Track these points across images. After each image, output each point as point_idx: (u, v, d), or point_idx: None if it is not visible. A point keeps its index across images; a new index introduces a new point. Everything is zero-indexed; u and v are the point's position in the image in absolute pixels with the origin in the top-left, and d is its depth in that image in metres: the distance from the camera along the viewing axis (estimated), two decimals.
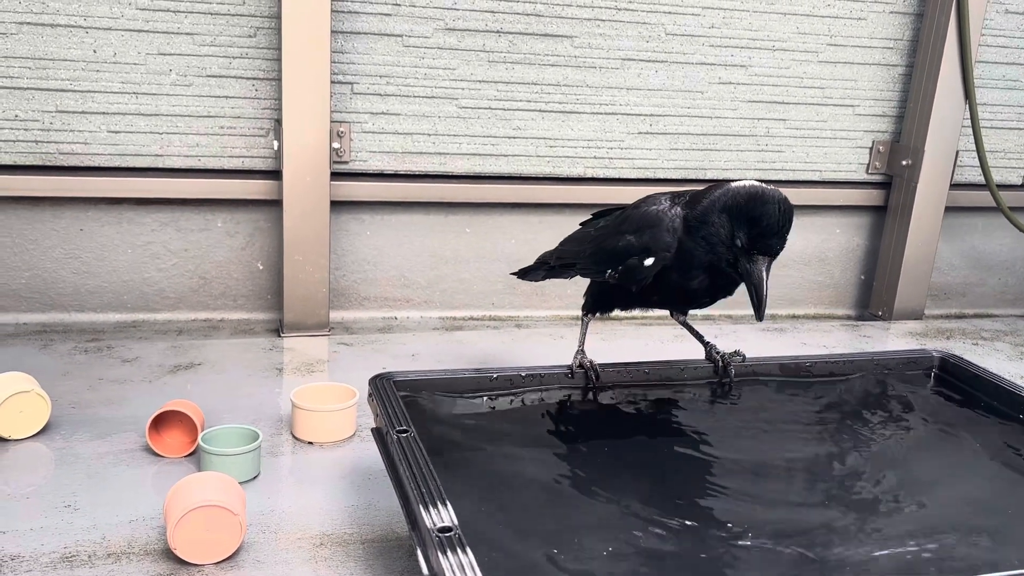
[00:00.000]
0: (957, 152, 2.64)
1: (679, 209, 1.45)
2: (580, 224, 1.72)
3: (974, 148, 2.62)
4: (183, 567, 1.25)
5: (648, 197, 1.53)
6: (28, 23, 2.03)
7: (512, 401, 1.47)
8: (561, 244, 1.71)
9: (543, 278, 1.82)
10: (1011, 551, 1.14)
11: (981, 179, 2.66)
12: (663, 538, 1.12)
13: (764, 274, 1.36)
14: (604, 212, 1.67)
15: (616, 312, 1.63)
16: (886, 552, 1.11)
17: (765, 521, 1.17)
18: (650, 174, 2.52)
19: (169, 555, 1.26)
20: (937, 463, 1.38)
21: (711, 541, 1.13)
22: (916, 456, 1.41)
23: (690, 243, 1.41)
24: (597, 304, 1.62)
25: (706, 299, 1.52)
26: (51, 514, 1.36)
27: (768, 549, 1.11)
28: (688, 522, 1.17)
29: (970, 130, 2.60)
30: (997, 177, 2.73)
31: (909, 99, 2.64)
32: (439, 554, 0.96)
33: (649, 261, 1.45)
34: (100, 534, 1.31)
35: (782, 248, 1.37)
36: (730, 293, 1.50)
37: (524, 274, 1.86)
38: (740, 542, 1.12)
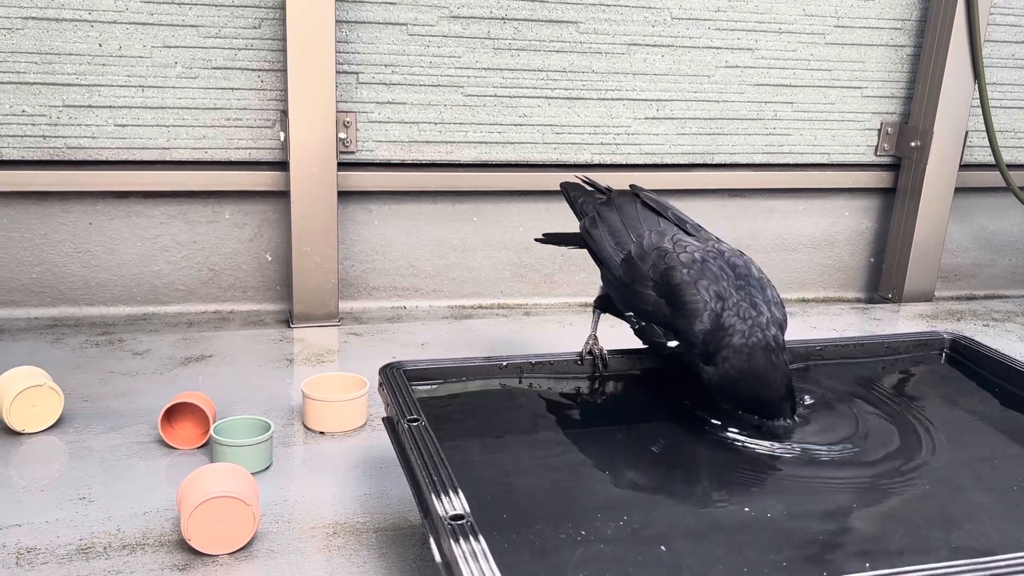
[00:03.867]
0: (967, 132, 2.62)
1: (719, 305, 1.32)
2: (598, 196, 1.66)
3: (984, 128, 2.60)
4: (197, 557, 1.25)
5: (678, 243, 1.40)
6: (33, 17, 2.03)
7: (522, 388, 1.47)
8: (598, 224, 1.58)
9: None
10: (1022, 532, 1.14)
11: (991, 159, 2.65)
12: (675, 521, 1.12)
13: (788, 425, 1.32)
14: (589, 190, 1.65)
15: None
16: (898, 533, 1.11)
17: (776, 504, 1.17)
18: (657, 159, 2.51)
19: (183, 546, 1.27)
20: (949, 445, 1.38)
21: (724, 523, 1.13)
22: (928, 439, 1.41)
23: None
24: (608, 309, 1.59)
25: None
26: (66, 506, 1.37)
27: (779, 531, 1.11)
28: (700, 505, 1.18)
29: (979, 110, 2.58)
30: (1007, 157, 2.71)
31: (918, 80, 2.62)
32: (451, 541, 0.96)
33: (672, 344, 1.38)
34: (115, 526, 1.32)
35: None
36: None
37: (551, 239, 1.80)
38: (752, 524, 1.12)
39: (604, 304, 1.59)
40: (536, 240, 1.86)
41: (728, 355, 1.30)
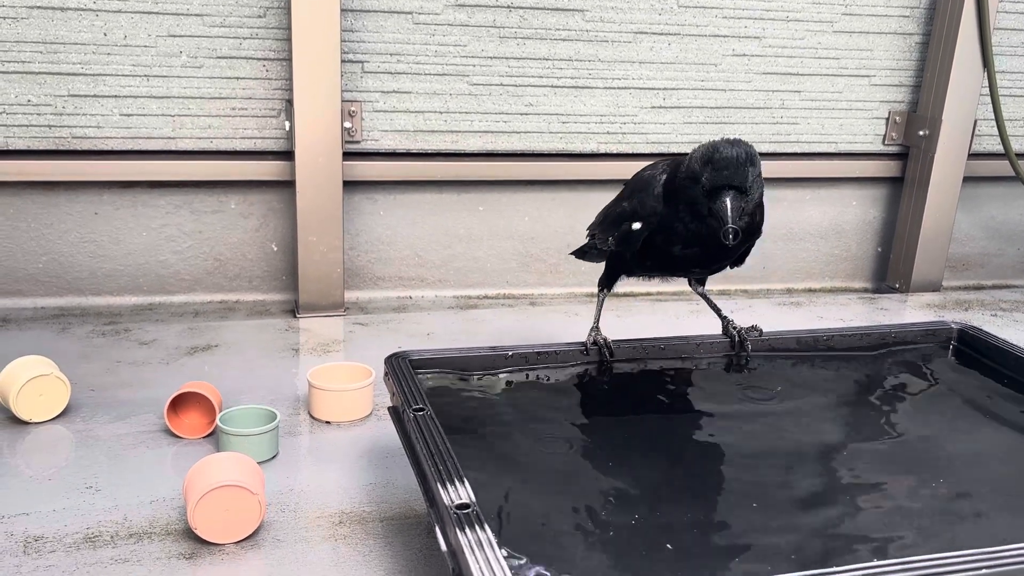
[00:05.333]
0: (975, 121, 2.60)
1: (667, 175, 1.45)
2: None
3: (992, 117, 2.58)
4: (204, 546, 1.26)
5: (652, 163, 1.53)
6: (38, 7, 2.03)
7: (527, 378, 1.47)
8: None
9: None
10: None
11: (1000, 148, 2.63)
12: (680, 512, 1.12)
13: (727, 202, 1.31)
14: None
15: (626, 281, 1.63)
16: (905, 524, 1.11)
17: (783, 493, 1.17)
18: (664, 148, 2.50)
19: (190, 535, 1.27)
20: (956, 435, 1.37)
21: (728, 514, 1.13)
22: (935, 429, 1.40)
23: (671, 211, 1.41)
24: (608, 275, 1.62)
25: (696, 268, 1.51)
26: (73, 495, 1.37)
27: (786, 521, 1.11)
28: (705, 496, 1.18)
29: (988, 99, 2.57)
30: (1016, 146, 2.69)
31: (926, 68, 2.60)
32: (457, 531, 0.96)
33: (636, 226, 1.46)
34: (122, 515, 1.33)
35: (744, 180, 1.32)
36: (723, 263, 1.50)
37: (582, 255, 1.83)
38: (758, 514, 1.12)
39: (605, 272, 1.61)
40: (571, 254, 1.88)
41: (687, 160, 1.39)
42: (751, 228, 1.44)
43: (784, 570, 0.97)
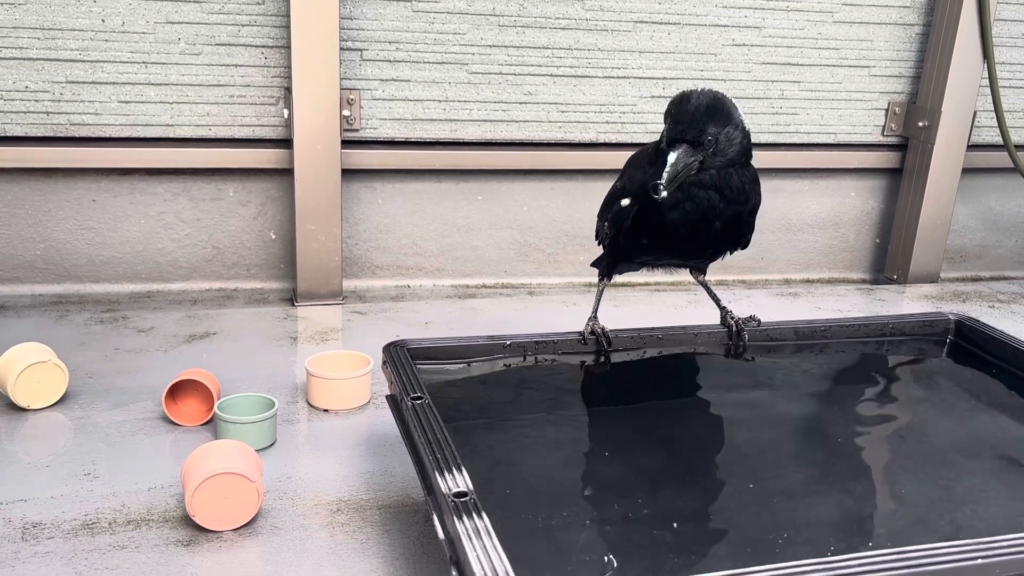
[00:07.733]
0: (975, 112, 2.60)
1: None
2: None
3: (992, 108, 2.58)
4: (202, 533, 1.26)
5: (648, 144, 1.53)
6: None
7: (525, 368, 1.47)
8: None
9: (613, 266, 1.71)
10: None
11: (999, 140, 2.63)
12: (678, 501, 1.12)
13: (671, 155, 1.30)
14: None
15: (626, 271, 1.63)
16: (901, 513, 1.11)
17: (781, 483, 1.17)
18: None
19: (188, 522, 1.28)
20: (952, 426, 1.38)
21: (726, 504, 1.13)
22: (931, 419, 1.41)
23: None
24: (607, 264, 1.61)
25: (696, 240, 1.47)
26: (71, 482, 1.38)
27: (783, 511, 1.11)
28: (703, 486, 1.18)
29: (988, 90, 2.56)
30: (1015, 137, 2.69)
31: (926, 59, 2.59)
32: (455, 519, 0.96)
33: (625, 202, 1.46)
34: (120, 501, 1.33)
35: (697, 132, 1.30)
36: (719, 243, 1.48)
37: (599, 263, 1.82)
38: (755, 504, 1.12)
39: (605, 261, 1.61)
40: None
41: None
42: (741, 199, 1.42)
43: (782, 559, 0.98)
